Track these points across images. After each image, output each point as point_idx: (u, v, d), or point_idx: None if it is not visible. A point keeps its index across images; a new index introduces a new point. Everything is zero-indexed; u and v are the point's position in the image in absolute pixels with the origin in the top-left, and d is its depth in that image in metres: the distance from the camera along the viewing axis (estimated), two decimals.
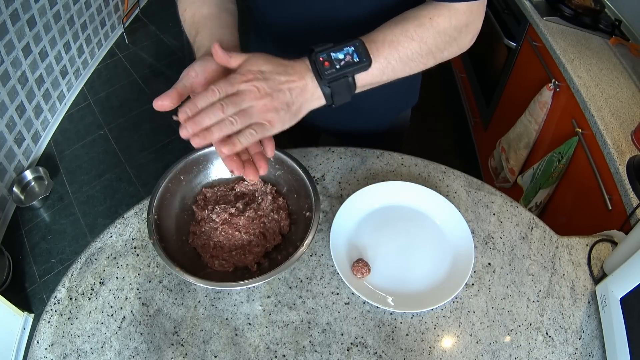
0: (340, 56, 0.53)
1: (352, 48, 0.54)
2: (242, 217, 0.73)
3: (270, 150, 0.58)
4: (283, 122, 0.53)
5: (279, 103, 0.51)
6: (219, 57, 0.54)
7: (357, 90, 0.57)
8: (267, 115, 0.51)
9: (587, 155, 1.21)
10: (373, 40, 0.56)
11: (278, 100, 0.51)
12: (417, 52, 0.58)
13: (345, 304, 0.71)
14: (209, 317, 0.70)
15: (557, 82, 1.39)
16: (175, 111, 0.53)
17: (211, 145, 0.52)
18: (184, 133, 0.50)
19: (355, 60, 0.53)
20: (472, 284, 0.75)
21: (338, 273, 0.73)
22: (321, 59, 0.53)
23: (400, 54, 0.57)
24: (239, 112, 0.50)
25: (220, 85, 0.50)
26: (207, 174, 0.78)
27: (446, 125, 2.45)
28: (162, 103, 0.52)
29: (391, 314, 0.71)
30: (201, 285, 0.63)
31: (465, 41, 0.63)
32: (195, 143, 0.50)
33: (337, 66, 0.52)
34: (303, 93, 0.53)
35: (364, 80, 0.56)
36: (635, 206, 0.98)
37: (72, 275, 0.73)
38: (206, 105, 0.50)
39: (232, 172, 0.55)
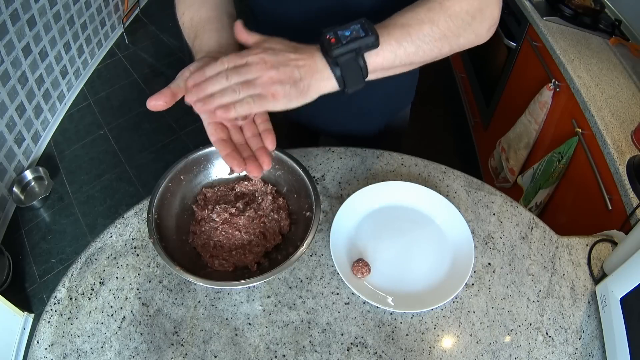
0: (347, 33, 0.53)
1: (358, 25, 0.54)
2: (242, 217, 0.73)
3: (270, 142, 0.57)
4: (289, 98, 0.52)
5: (285, 77, 0.51)
6: (239, 33, 0.55)
7: (371, 76, 0.56)
8: (271, 87, 0.51)
9: (587, 155, 1.21)
10: (384, 25, 0.56)
11: (284, 74, 0.51)
12: (429, 35, 0.57)
13: (345, 304, 0.71)
14: (209, 317, 0.69)
15: (557, 82, 1.39)
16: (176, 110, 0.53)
17: (211, 145, 0.52)
18: (188, 98, 0.51)
19: (361, 34, 0.53)
20: (472, 284, 0.75)
21: (338, 273, 0.73)
22: (328, 36, 0.53)
23: (412, 36, 0.57)
24: (243, 82, 0.50)
25: (230, 57, 0.51)
26: (208, 174, 0.78)
27: (446, 125, 2.45)
28: (156, 103, 0.53)
29: (391, 314, 0.71)
30: (201, 284, 0.63)
31: (482, 29, 0.62)
32: (197, 108, 0.51)
33: (344, 42, 0.52)
34: (311, 71, 0.53)
35: (376, 63, 0.55)
36: (635, 206, 0.98)
37: (72, 275, 0.73)
38: (213, 74, 0.51)
39: (231, 172, 0.55)
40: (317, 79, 0.54)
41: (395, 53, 0.56)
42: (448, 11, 0.58)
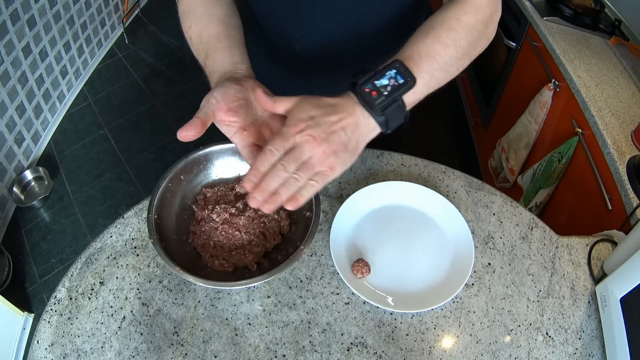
0: (385, 82, 0.51)
1: (394, 70, 0.52)
2: (242, 217, 0.73)
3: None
4: (344, 163, 0.51)
5: (337, 145, 0.50)
6: (264, 103, 0.54)
7: (407, 109, 0.55)
8: (327, 161, 0.49)
9: (587, 155, 1.21)
10: (409, 56, 0.55)
11: (335, 143, 0.49)
12: (454, 57, 0.57)
13: (345, 304, 0.71)
14: (209, 317, 0.70)
15: (557, 82, 1.39)
16: (198, 142, 0.50)
17: (211, 145, 0.52)
18: (254, 203, 0.49)
19: (400, 82, 0.52)
20: (472, 284, 0.75)
21: (338, 273, 0.73)
22: (367, 89, 0.51)
23: (440, 63, 0.56)
24: (300, 166, 0.49)
25: (276, 143, 0.49)
26: (208, 174, 0.78)
27: (446, 125, 2.45)
28: (187, 133, 0.51)
29: (391, 314, 0.71)
30: (201, 284, 0.63)
31: (491, 32, 0.62)
32: (266, 209, 0.49)
33: (385, 93, 0.51)
34: (357, 128, 0.51)
35: (411, 98, 0.54)
36: (635, 206, 0.98)
37: (72, 275, 0.73)
38: (268, 167, 0.49)
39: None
40: (363, 133, 0.52)
41: (428, 85, 0.55)
42: (466, 27, 0.58)
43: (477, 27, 0.59)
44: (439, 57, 0.56)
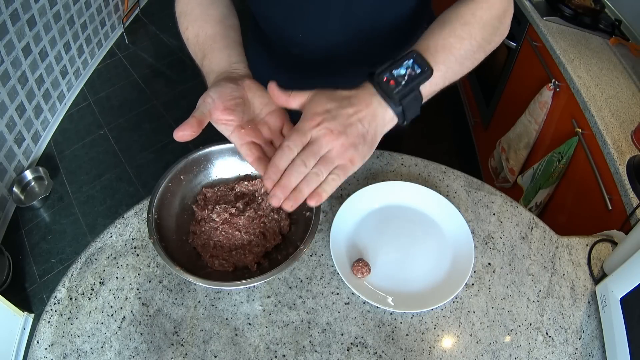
0: (402, 71, 0.51)
1: (412, 60, 0.52)
2: (242, 217, 0.73)
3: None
4: (363, 156, 0.51)
5: (355, 137, 0.49)
6: (277, 97, 0.53)
7: (424, 100, 0.55)
8: (346, 154, 0.49)
9: (587, 155, 1.21)
10: (426, 48, 0.55)
11: (353, 135, 0.49)
12: (469, 50, 0.58)
13: (345, 304, 0.71)
14: (209, 317, 0.70)
15: (557, 82, 1.39)
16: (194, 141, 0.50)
17: (211, 145, 0.52)
18: (275, 201, 0.48)
19: (417, 72, 0.52)
20: (472, 284, 0.75)
21: (338, 273, 0.73)
22: (385, 79, 0.51)
23: (455, 56, 0.56)
24: (319, 161, 0.48)
25: (293, 138, 0.48)
26: (208, 174, 0.78)
27: (446, 125, 2.45)
28: (183, 133, 0.51)
29: (391, 314, 0.71)
30: (201, 284, 0.63)
31: (504, 28, 0.63)
32: (287, 207, 0.48)
33: (403, 82, 0.51)
34: (374, 119, 0.51)
35: (428, 90, 0.54)
36: (635, 206, 0.98)
37: (72, 275, 0.73)
38: (287, 164, 0.48)
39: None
40: (380, 124, 0.52)
41: (444, 77, 0.56)
42: (481, 21, 0.59)
43: (491, 22, 0.60)
44: (454, 50, 0.56)
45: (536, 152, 1.56)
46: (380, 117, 0.52)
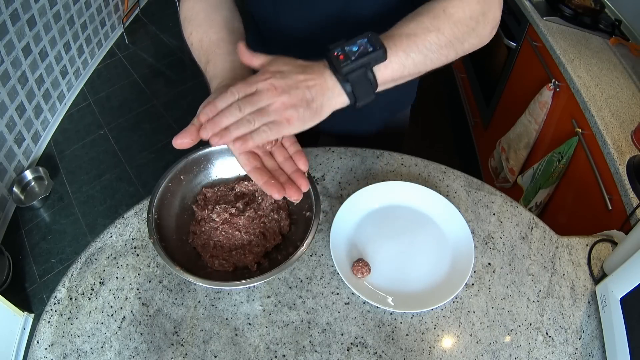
0: (354, 48, 0.52)
1: (365, 39, 0.53)
2: (242, 217, 0.73)
3: (303, 164, 0.58)
4: (303, 120, 0.52)
5: (297, 100, 0.51)
6: (242, 54, 0.55)
7: (380, 88, 0.56)
8: (285, 112, 0.50)
9: (587, 155, 1.21)
10: (390, 35, 0.56)
11: (296, 97, 0.51)
12: (435, 43, 0.58)
13: (345, 304, 0.71)
14: (209, 317, 0.70)
15: (557, 82, 1.39)
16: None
17: (211, 145, 0.52)
18: (203, 134, 0.51)
19: (369, 50, 0.52)
20: (472, 284, 0.75)
21: (338, 273, 0.73)
22: (335, 53, 0.52)
23: (419, 46, 0.57)
24: (256, 111, 0.50)
25: (238, 86, 0.51)
26: (208, 174, 0.78)
27: (446, 125, 2.45)
28: (182, 141, 0.52)
29: (391, 314, 0.71)
30: (201, 284, 0.63)
31: (485, 32, 0.62)
32: (213, 142, 0.50)
33: (352, 57, 0.52)
34: (322, 90, 0.53)
35: (385, 75, 0.55)
36: (635, 206, 0.98)
37: (72, 275, 0.73)
38: (225, 106, 0.51)
39: (271, 196, 0.55)
40: (329, 97, 0.53)
41: (403, 64, 0.56)
42: (452, 18, 0.58)
43: (465, 21, 0.59)
44: (418, 40, 0.57)
45: (536, 152, 1.56)
46: (330, 90, 0.53)
